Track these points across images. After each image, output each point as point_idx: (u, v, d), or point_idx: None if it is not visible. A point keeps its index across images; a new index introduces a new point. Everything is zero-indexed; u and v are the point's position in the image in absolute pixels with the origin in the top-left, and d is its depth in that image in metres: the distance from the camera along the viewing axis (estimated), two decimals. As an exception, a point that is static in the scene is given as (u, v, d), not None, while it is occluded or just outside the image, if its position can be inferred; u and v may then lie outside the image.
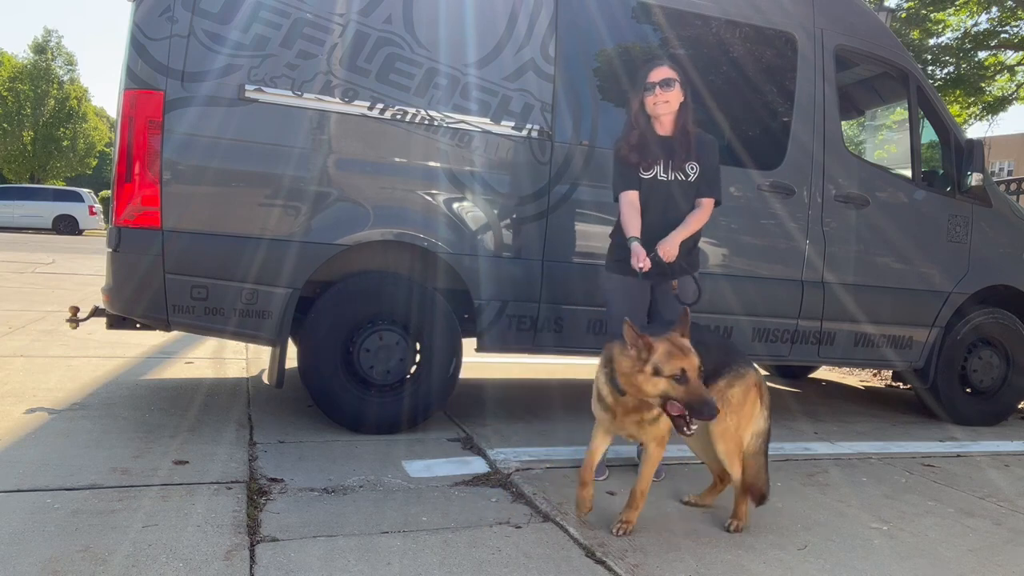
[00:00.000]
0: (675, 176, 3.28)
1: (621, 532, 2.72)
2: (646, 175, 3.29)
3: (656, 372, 2.50)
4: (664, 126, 3.29)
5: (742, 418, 2.80)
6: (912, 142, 4.93)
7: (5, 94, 36.80)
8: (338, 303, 3.70)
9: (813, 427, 4.77)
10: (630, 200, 3.30)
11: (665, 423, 2.67)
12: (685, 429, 2.52)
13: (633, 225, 3.25)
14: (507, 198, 3.91)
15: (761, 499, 2.90)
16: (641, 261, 3.11)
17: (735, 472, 2.84)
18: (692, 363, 2.51)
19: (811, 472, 3.75)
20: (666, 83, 3.20)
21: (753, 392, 2.84)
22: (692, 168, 3.28)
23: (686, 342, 2.58)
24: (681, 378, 2.48)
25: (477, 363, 5.02)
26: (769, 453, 4.03)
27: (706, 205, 3.32)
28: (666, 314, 3.34)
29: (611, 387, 2.67)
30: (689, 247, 3.32)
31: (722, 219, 4.23)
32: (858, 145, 9.93)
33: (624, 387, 2.60)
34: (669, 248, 3.17)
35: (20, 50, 42.43)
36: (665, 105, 3.23)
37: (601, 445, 2.88)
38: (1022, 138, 32.80)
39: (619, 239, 3.37)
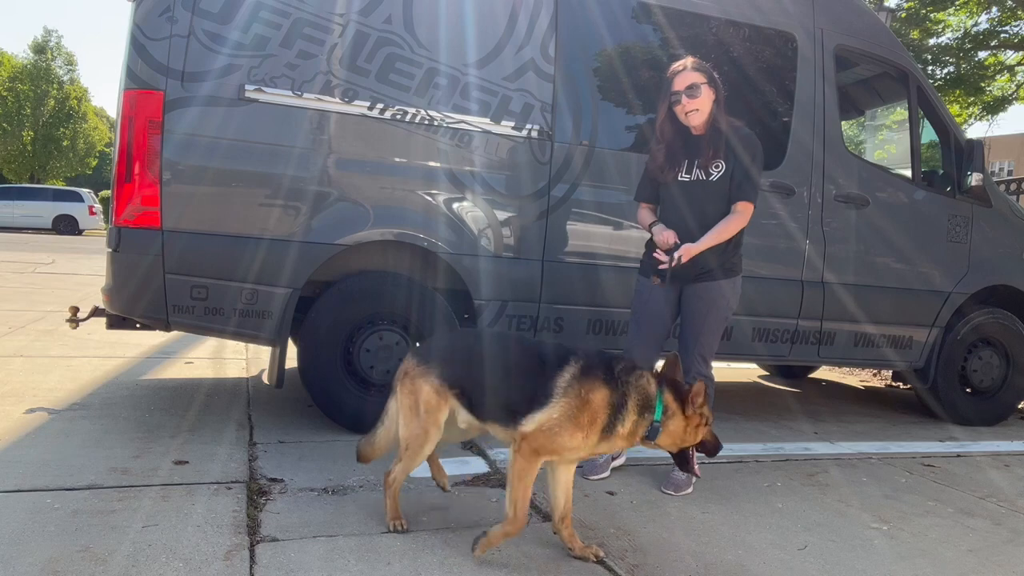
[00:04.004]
0: (697, 176, 3.21)
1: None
2: (667, 180, 3.29)
3: (707, 423, 2.60)
4: (697, 128, 3.22)
5: None
6: (912, 142, 4.93)
7: (5, 94, 36.80)
8: (338, 303, 3.70)
9: (813, 427, 4.77)
10: (642, 208, 3.45)
11: None
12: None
13: (648, 219, 3.37)
14: (507, 198, 3.91)
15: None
16: (670, 238, 3.18)
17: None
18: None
19: (811, 472, 3.75)
20: (691, 90, 3.12)
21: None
22: (717, 167, 3.18)
23: None
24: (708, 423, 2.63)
25: (477, 363, 5.01)
26: (769, 453, 4.06)
27: (741, 210, 3.19)
28: (688, 322, 3.32)
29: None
30: (722, 249, 3.23)
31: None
32: (858, 145, 9.92)
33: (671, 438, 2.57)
34: (691, 250, 3.13)
35: (20, 50, 42.48)
36: (695, 113, 3.16)
37: None
38: (1022, 138, 32.79)
39: (650, 245, 3.37)
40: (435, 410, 2.56)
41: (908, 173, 4.95)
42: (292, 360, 3.71)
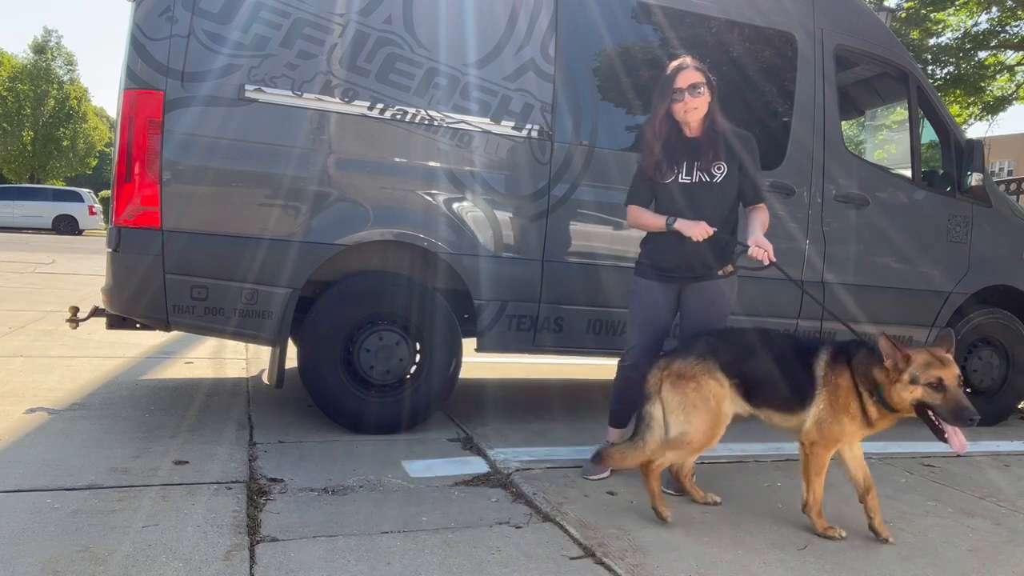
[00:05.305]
0: (699, 177, 3.18)
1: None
2: (665, 181, 3.23)
3: (913, 381, 2.67)
4: (692, 129, 3.19)
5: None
6: (912, 142, 4.93)
7: (5, 94, 36.77)
8: (338, 303, 3.70)
9: (813, 427, 4.76)
10: (638, 209, 3.32)
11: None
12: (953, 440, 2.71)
13: (657, 218, 3.23)
14: (507, 198, 3.91)
15: None
16: (702, 230, 3.10)
17: None
18: (951, 372, 2.65)
19: (811, 472, 3.74)
20: (695, 88, 3.09)
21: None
22: (719, 169, 3.17)
23: (946, 354, 2.70)
24: (938, 386, 2.64)
25: (477, 363, 5.02)
26: (770, 453, 4.04)
27: (765, 208, 3.29)
28: (688, 322, 3.30)
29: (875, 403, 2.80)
30: (720, 249, 3.23)
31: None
32: (858, 145, 9.93)
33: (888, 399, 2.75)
34: (766, 246, 3.11)
35: (20, 50, 42.44)
36: (695, 112, 3.13)
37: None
38: (1022, 138, 32.79)
39: (647, 246, 3.36)
40: (723, 400, 2.88)
41: (908, 173, 4.95)
42: (292, 360, 3.71)
